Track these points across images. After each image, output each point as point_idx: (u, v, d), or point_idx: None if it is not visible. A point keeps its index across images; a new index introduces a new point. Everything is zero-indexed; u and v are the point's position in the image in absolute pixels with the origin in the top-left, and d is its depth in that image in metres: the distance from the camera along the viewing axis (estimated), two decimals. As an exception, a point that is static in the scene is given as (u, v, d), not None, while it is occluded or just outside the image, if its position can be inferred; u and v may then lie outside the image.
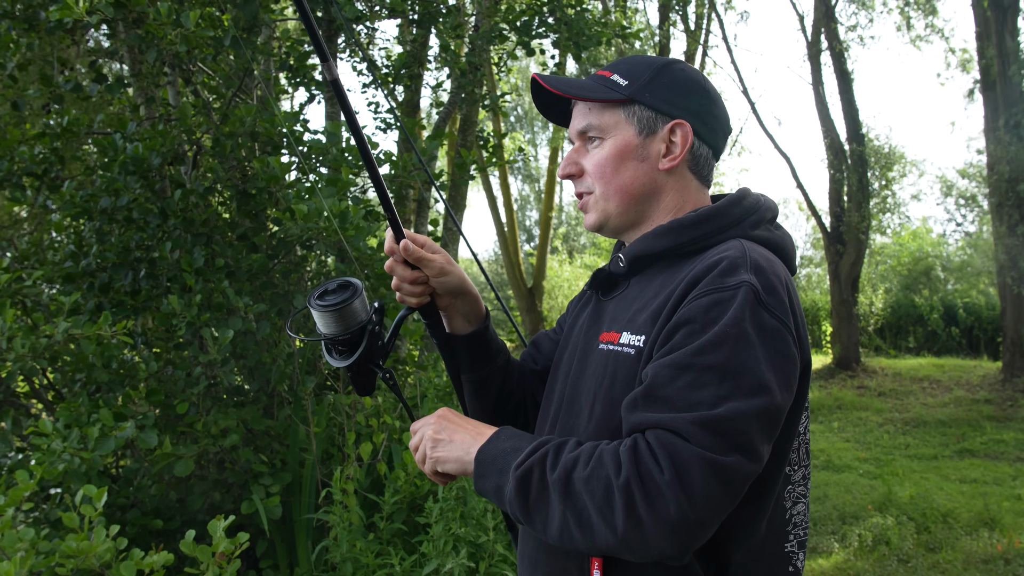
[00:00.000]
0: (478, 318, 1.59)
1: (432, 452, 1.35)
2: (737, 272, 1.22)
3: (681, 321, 1.21)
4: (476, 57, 6.27)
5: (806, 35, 15.03)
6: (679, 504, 1.08)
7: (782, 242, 1.40)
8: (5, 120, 4.38)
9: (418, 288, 1.48)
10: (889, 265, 20.62)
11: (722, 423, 1.11)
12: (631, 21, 9.87)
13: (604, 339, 1.37)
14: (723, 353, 1.15)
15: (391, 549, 3.58)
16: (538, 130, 31.40)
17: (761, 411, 1.14)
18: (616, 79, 1.41)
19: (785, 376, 1.19)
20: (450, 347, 1.59)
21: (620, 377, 1.30)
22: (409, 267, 1.46)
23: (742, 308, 1.18)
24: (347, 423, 4.13)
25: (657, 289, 1.34)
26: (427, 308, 1.53)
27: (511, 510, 1.22)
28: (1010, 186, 11.68)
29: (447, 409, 1.42)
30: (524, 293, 18.09)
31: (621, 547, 1.12)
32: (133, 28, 3.90)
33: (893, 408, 11.59)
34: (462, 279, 1.52)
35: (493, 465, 1.25)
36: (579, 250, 31.48)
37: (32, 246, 4.54)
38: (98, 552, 2.45)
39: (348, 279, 1.47)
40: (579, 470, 1.15)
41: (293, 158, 4.42)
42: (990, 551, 5.35)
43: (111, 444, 3.08)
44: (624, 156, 1.40)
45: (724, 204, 1.38)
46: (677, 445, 1.11)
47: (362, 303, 1.46)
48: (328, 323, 1.44)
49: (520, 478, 1.19)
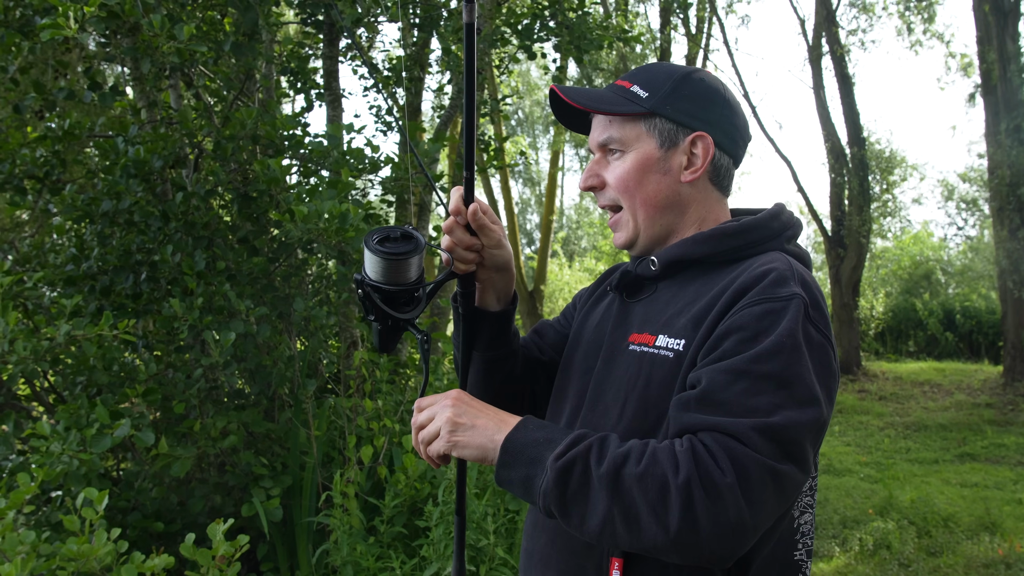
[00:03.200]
0: (507, 298, 1.56)
1: (452, 436, 1.31)
2: (787, 284, 1.24)
3: (732, 328, 1.22)
4: (477, 60, 6.26)
5: (807, 39, 15.06)
6: (739, 507, 1.09)
7: (806, 258, 1.44)
8: (7, 123, 4.39)
9: (471, 255, 1.44)
10: (890, 269, 20.63)
11: (779, 431, 1.12)
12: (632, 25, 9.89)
13: (636, 340, 1.38)
14: (780, 362, 1.17)
15: (391, 552, 3.58)
16: (539, 134, 31.47)
17: (812, 422, 1.16)
18: (636, 91, 1.41)
19: (829, 391, 1.23)
20: (474, 321, 1.55)
21: (657, 379, 1.30)
22: (469, 232, 1.42)
23: (795, 320, 1.20)
24: (348, 426, 4.13)
25: (694, 295, 1.34)
26: (467, 278, 1.49)
27: (544, 502, 1.20)
28: (1011, 190, 11.68)
29: (462, 392, 1.39)
30: (525, 297, 18.07)
31: (671, 547, 1.12)
32: (128, 37, 3.90)
33: (894, 412, 11.59)
34: (510, 256, 1.49)
35: (522, 455, 1.24)
36: (579, 253, 31.50)
37: (33, 249, 4.54)
38: (99, 555, 2.45)
39: (413, 231, 1.41)
40: (630, 466, 1.14)
41: (294, 161, 4.42)
42: (991, 555, 5.34)
43: (107, 442, 3.08)
44: (646, 169, 1.40)
45: (765, 217, 1.41)
46: (737, 449, 1.11)
47: (419, 260, 1.41)
48: (380, 270, 1.38)
49: (560, 470, 1.18)
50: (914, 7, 15.36)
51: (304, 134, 4.37)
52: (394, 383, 4.84)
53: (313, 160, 4.34)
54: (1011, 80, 11.77)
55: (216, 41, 4.19)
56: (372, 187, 4.85)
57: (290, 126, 4.23)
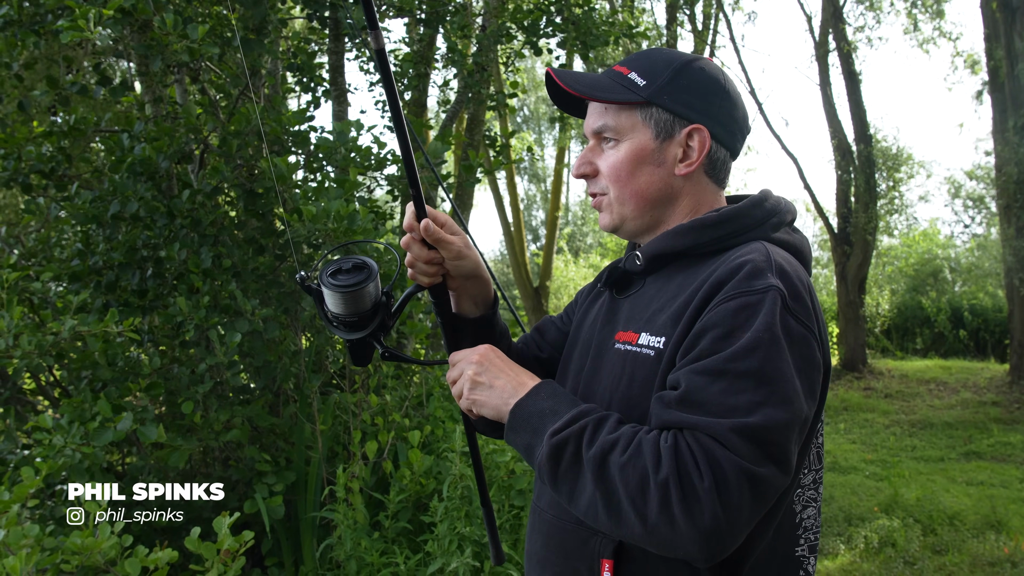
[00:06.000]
0: (486, 303, 1.56)
1: (470, 394, 1.34)
2: (763, 275, 1.20)
3: (708, 326, 1.20)
4: (483, 57, 6.27)
5: (814, 36, 15.01)
6: (714, 512, 1.08)
7: (800, 246, 1.39)
8: (12, 118, 4.39)
9: (432, 268, 1.45)
10: (896, 267, 20.56)
11: (758, 432, 1.11)
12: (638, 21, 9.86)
13: (621, 339, 1.36)
14: (757, 359, 1.14)
15: (396, 548, 3.58)
16: (544, 130, 31.39)
17: (792, 419, 1.14)
18: (634, 78, 1.38)
19: (811, 384, 1.19)
20: (455, 328, 1.56)
21: (639, 378, 1.29)
22: (426, 246, 1.42)
23: (771, 313, 1.17)
24: (353, 421, 4.13)
25: (676, 290, 1.32)
26: (437, 288, 1.50)
27: (539, 471, 1.23)
28: (1018, 188, 11.63)
29: (490, 348, 1.40)
30: (530, 293, 18.07)
31: (647, 538, 1.12)
32: (139, 34, 3.90)
33: (899, 410, 11.56)
34: (477, 263, 1.49)
35: (528, 423, 1.26)
36: (585, 250, 31.46)
37: (39, 243, 4.55)
38: (103, 548, 2.45)
39: (364, 259, 1.43)
40: (616, 454, 1.15)
41: (300, 156, 4.41)
42: (997, 554, 5.33)
43: (109, 435, 3.08)
44: (640, 160, 1.37)
45: (746, 205, 1.36)
46: (717, 453, 1.10)
47: (375, 286, 1.43)
48: (338, 303, 1.41)
49: (555, 446, 1.19)
50: (921, 4, 15.30)
51: (311, 130, 4.36)
52: (399, 378, 4.84)
53: (319, 157, 4.33)
54: (1019, 77, 11.71)
55: (223, 37, 4.18)
56: (378, 184, 4.85)
57: (296, 122, 4.23)
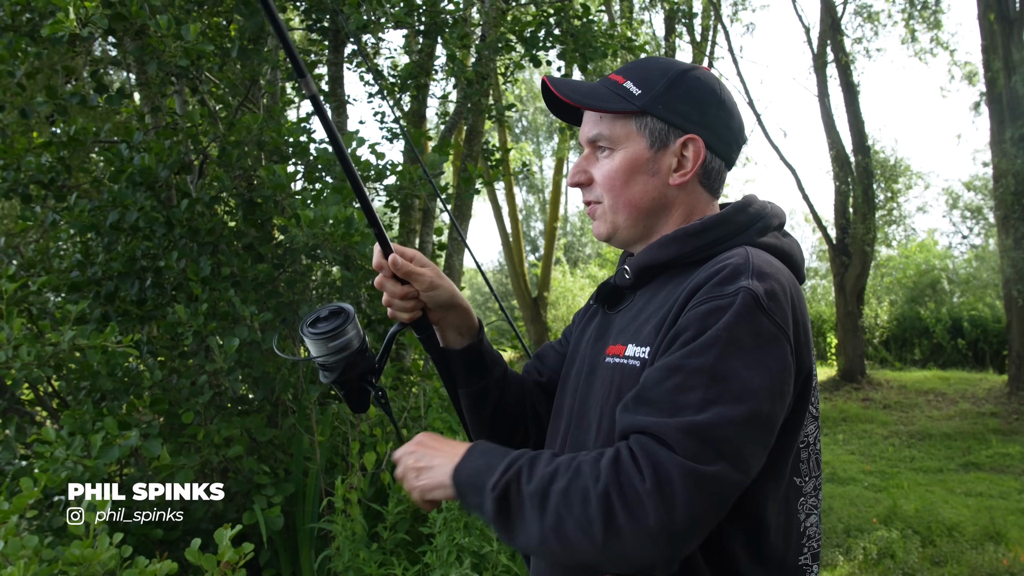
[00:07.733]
0: (471, 331, 1.56)
1: (416, 482, 1.32)
2: (737, 279, 1.19)
3: (680, 329, 1.19)
4: (482, 67, 6.29)
5: (812, 47, 15.06)
6: (659, 514, 1.05)
7: (790, 250, 1.37)
8: (12, 129, 4.40)
9: (409, 303, 1.46)
10: (895, 277, 20.59)
11: (707, 430, 1.08)
12: (637, 33, 9.88)
13: (611, 352, 1.35)
14: (711, 356, 1.12)
15: (394, 559, 3.57)
16: (543, 140, 31.45)
17: (749, 418, 1.11)
18: (629, 87, 1.37)
19: (779, 383, 1.16)
20: (445, 361, 1.57)
21: (626, 389, 1.27)
22: (399, 282, 1.44)
23: (737, 314, 1.15)
24: (351, 432, 4.12)
25: (663, 300, 1.31)
26: (419, 323, 1.51)
27: (495, 527, 1.20)
28: (1016, 199, 11.66)
29: (425, 434, 1.39)
30: (528, 303, 18.08)
31: (603, 559, 1.10)
32: (135, 39, 3.91)
33: (898, 421, 11.55)
34: (452, 292, 1.50)
35: (470, 485, 1.23)
36: (583, 260, 31.46)
37: (38, 254, 4.55)
38: (102, 560, 2.44)
39: (340, 305, 1.46)
40: (556, 483, 1.13)
41: (299, 167, 4.43)
42: (996, 565, 5.32)
43: (115, 453, 3.08)
44: (634, 170, 1.37)
45: (729, 211, 1.36)
46: (660, 454, 1.08)
47: (354, 327, 1.46)
48: (320, 349, 1.44)
49: (497, 498, 1.17)
50: (919, 16, 15.37)
51: (309, 140, 4.38)
52: (397, 389, 4.84)
53: (318, 168, 4.34)
54: (1016, 88, 11.76)
55: (222, 47, 4.20)
56: (377, 195, 4.86)
57: (296, 133, 4.24)
